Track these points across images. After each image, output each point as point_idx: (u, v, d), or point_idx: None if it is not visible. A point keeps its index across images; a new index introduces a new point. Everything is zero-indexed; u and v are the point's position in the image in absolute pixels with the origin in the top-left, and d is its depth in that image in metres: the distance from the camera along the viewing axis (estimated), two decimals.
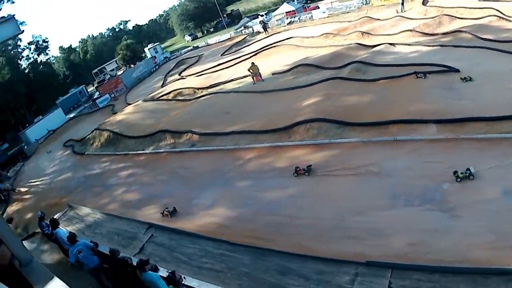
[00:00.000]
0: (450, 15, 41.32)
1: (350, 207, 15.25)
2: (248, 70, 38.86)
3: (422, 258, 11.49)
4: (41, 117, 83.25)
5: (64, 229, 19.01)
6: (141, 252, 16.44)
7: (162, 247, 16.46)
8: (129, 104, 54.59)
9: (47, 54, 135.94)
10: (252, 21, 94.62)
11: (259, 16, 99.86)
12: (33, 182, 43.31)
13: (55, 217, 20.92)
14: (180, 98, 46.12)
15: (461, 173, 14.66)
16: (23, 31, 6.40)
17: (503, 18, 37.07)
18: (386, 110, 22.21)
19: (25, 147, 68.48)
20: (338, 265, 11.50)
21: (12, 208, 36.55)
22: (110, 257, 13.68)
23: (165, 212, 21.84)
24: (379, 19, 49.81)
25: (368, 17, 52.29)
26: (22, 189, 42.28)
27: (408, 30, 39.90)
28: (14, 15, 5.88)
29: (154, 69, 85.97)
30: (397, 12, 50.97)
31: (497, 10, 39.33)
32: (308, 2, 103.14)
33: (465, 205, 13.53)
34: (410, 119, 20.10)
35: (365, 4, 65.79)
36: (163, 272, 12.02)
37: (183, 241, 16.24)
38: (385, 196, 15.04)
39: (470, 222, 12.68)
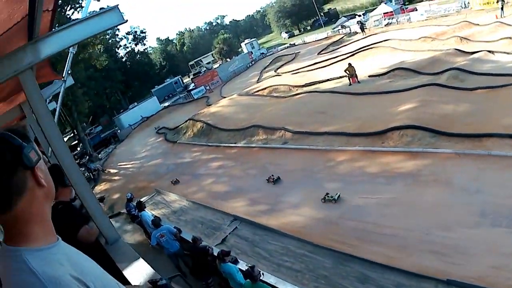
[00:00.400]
0: None
1: (436, 221, 14.92)
2: (345, 71, 38.81)
3: (503, 283, 11.25)
4: (136, 104, 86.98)
5: (149, 212, 20.09)
6: (223, 243, 16.95)
7: (244, 240, 16.83)
8: (224, 97, 56.09)
9: (144, 44, 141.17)
10: (349, 20, 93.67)
11: (357, 16, 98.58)
12: (124, 164, 45.61)
13: (141, 200, 22.38)
14: (275, 94, 46.62)
15: None
16: (126, 20, 7.01)
17: None
18: (481, 122, 21.62)
19: (119, 131, 72.33)
20: (418, 280, 11.46)
21: (100, 187, 39.05)
22: (192, 245, 14.33)
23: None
24: (478, 24, 48.29)
25: (467, 21, 50.77)
26: (112, 170, 44.56)
27: (507, 38, 38.25)
28: (118, 5, 6.49)
29: (250, 64, 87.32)
30: (496, 18, 49.43)
31: None
32: (406, 3, 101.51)
33: None
34: (506, 133, 19.41)
35: (464, 7, 63.99)
36: (242, 266, 12.42)
37: (266, 237, 16.55)
38: (473, 213, 14.58)
39: None
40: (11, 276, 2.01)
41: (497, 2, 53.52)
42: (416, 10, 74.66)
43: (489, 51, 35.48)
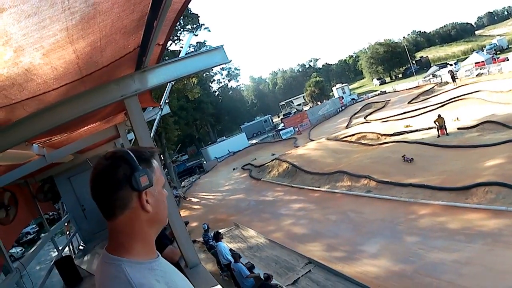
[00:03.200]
0: None
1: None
2: (434, 122, 38.87)
3: None
4: (224, 137, 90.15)
5: (225, 244, 20.55)
6: (294, 284, 17.31)
7: (316, 284, 17.07)
8: (312, 140, 57.02)
9: (237, 81, 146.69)
10: (441, 70, 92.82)
11: (448, 65, 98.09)
12: (206, 195, 46.57)
13: (220, 231, 22.49)
14: (363, 141, 46.59)
15: None
16: (230, 60, 7.71)
17: None
18: None
19: (204, 162, 74.41)
20: None
21: None
22: (263, 282, 14.93)
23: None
24: None
25: None
26: (193, 199, 45.41)
27: None
28: (223, 45, 7.20)
29: (340, 109, 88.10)
30: None
31: None
32: (498, 52, 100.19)
33: None
34: None
35: None
36: None
37: (339, 284, 16.73)
38: None
39: None
40: (108, 282, 2.21)
41: None
42: (508, 60, 73.03)
43: None
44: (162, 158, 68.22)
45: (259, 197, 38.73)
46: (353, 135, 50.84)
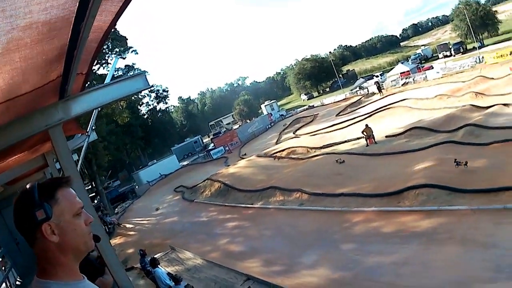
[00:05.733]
0: None
1: (451, 278, 14.71)
2: (362, 132, 39.44)
3: None
4: (155, 161, 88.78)
5: (163, 269, 20.12)
6: None
7: None
8: (243, 158, 56.55)
9: (166, 103, 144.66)
10: (367, 81, 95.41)
11: (374, 77, 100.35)
12: (140, 220, 45.84)
13: (156, 256, 22.36)
14: (293, 156, 46.76)
15: None
16: (152, 86, 7.44)
17: None
18: (497, 176, 21.66)
19: (136, 186, 73.53)
20: None
21: (115, 241, 38.77)
22: None
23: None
24: (492, 78, 49.13)
25: (482, 76, 51.79)
26: (128, 225, 44.61)
27: None
28: (145, 72, 6.94)
29: (269, 126, 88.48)
30: (511, 70, 50.06)
31: None
32: (423, 62, 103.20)
33: None
34: None
35: (479, 62, 64.94)
36: None
37: None
38: (489, 269, 14.40)
39: None
40: None
41: (511, 54, 54.15)
42: (432, 68, 75.85)
43: (504, 104, 35.92)
44: (94, 185, 67.14)
45: (193, 219, 38.32)
46: (283, 150, 51.13)
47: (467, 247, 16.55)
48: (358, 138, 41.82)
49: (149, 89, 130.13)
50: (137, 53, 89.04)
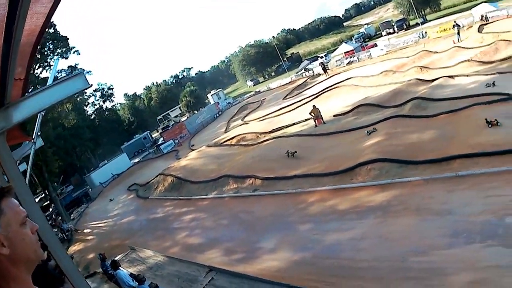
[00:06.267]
0: (506, 40, 40.96)
1: (410, 248, 14.92)
2: (310, 113, 39.30)
3: None
4: (106, 161, 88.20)
5: (125, 271, 19.87)
6: None
7: None
8: (193, 149, 55.87)
9: (112, 101, 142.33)
10: (312, 63, 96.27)
11: (319, 58, 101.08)
12: (97, 224, 45.07)
13: (116, 258, 22.12)
14: (243, 143, 46.68)
15: None
16: (91, 85, 7.07)
17: None
18: (447, 146, 22.01)
19: (90, 190, 72.07)
20: None
21: (74, 248, 38.22)
22: None
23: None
24: (436, 52, 50.05)
25: (426, 50, 52.68)
26: (85, 230, 43.85)
27: (466, 61, 39.89)
28: (83, 70, 6.63)
29: (217, 115, 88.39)
30: (454, 43, 51.18)
31: None
32: (366, 40, 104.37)
33: None
34: (471, 153, 19.74)
35: (422, 37, 66.00)
36: None
37: (243, 284, 16.37)
38: (446, 235, 14.65)
39: None
40: None
41: (453, 27, 55.32)
42: (376, 45, 76.58)
43: (449, 76, 36.45)
44: (47, 193, 65.77)
45: (149, 216, 37.83)
46: (232, 138, 51.06)
47: (423, 216, 16.79)
48: (306, 120, 41.92)
49: (94, 88, 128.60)
50: (79, 53, 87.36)
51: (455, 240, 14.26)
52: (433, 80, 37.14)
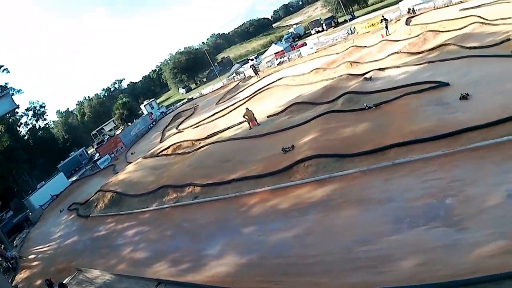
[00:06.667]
0: (433, 30, 42.42)
1: (355, 238, 15.08)
2: (243, 116, 39.38)
3: (434, 276, 11.35)
4: (43, 182, 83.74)
5: None
6: None
7: None
8: (130, 162, 54.80)
9: (45, 119, 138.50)
10: (243, 66, 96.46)
11: (249, 61, 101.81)
12: (40, 248, 43.57)
13: (64, 282, 21.81)
14: (179, 151, 46.32)
15: None
16: (18, 105, 6.68)
17: (485, 24, 38.16)
18: (382, 136, 22.44)
19: (30, 213, 69.10)
20: None
21: (20, 276, 36.68)
22: None
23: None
24: (365, 46, 51.03)
25: (355, 46, 53.61)
26: (30, 256, 42.56)
27: (395, 53, 40.85)
28: (9, 91, 6.11)
29: (152, 125, 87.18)
30: (383, 37, 52.46)
31: (478, 16, 40.70)
32: (296, 40, 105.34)
33: (471, 216, 13.42)
34: (405, 141, 20.21)
35: (351, 33, 67.51)
36: None
37: None
38: (389, 222, 14.92)
39: (478, 232, 12.56)
40: None
41: (381, 22, 56.61)
42: (306, 44, 77.59)
43: (379, 69, 37.33)
44: None
45: (93, 235, 36.61)
46: (168, 147, 50.65)
47: (364, 206, 17.06)
48: (241, 123, 42.06)
49: (26, 107, 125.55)
50: (8, 72, 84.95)
51: (399, 226, 14.52)
52: (363, 74, 37.72)
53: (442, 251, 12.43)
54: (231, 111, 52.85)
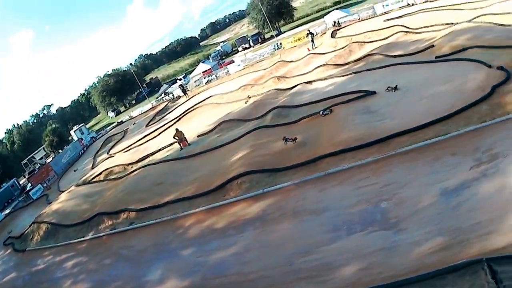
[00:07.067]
0: (359, 42, 43.53)
1: (295, 250, 15.12)
2: (173, 137, 39.01)
3: (376, 279, 11.54)
4: None
5: None
6: None
7: None
8: (63, 191, 53.50)
9: None
10: (172, 86, 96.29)
11: (178, 80, 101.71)
12: None
13: None
14: (111, 177, 45.66)
15: None
16: None
17: (409, 32, 39.45)
18: (313, 148, 22.79)
19: None
20: None
21: None
22: None
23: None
24: (292, 61, 52.02)
25: (282, 61, 54.68)
26: None
27: (321, 65, 41.62)
28: None
29: (83, 151, 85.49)
30: (309, 50, 53.45)
31: (402, 26, 42.11)
32: (223, 57, 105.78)
33: (407, 217, 13.78)
34: (336, 150, 20.54)
35: (278, 48, 68.35)
36: None
37: None
38: (327, 231, 15.06)
39: (416, 231, 12.90)
40: None
41: (307, 36, 57.57)
42: (233, 62, 78.23)
43: (307, 82, 37.88)
44: None
45: (31, 269, 34.59)
46: (100, 173, 49.61)
47: (301, 218, 17.20)
48: (171, 144, 41.82)
49: None
50: None
51: (337, 233, 14.70)
52: (291, 88, 38.38)
53: (382, 254, 12.65)
54: (161, 132, 52.82)
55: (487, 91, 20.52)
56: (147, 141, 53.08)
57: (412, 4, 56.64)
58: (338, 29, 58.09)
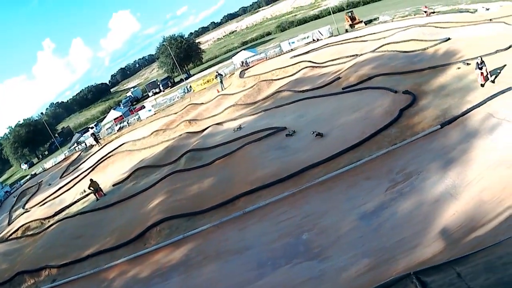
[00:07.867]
0: (267, 80, 44.86)
1: None
2: (89, 187, 38.39)
3: None
4: None
5: None
6: None
7: None
8: None
9: None
10: (84, 135, 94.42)
11: (90, 129, 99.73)
12: None
13: None
14: (29, 233, 43.35)
15: None
16: None
17: (315, 67, 40.87)
18: (229, 188, 23.07)
19: None
20: None
21: None
22: None
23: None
24: (202, 103, 52.80)
25: (192, 104, 55.30)
26: None
27: (231, 106, 42.39)
28: None
29: None
30: (218, 92, 54.27)
31: (309, 61, 43.49)
32: (134, 103, 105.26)
33: (330, 245, 14.13)
34: (252, 188, 20.95)
35: (188, 92, 69.24)
36: None
37: None
38: (252, 268, 15.13)
39: (341, 257, 13.25)
40: None
41: (216, 77, 58.76)
42: (144, 107, 78.60)
43: (218, 124, 38.53)
44: None
45: None
46: (17, 230, 46.83)
47: (224, 259, 17.20)
48: (87, 195, 41.03)
49: None
50: None
51: (263, 270, 14.81)
52: (203, 130, 38.89)
53: (311, 283, 12.84)
54: (76, 183, 51.35)
55: (395, 115, 21.64)
56: (62, 193, 51.75)
57: (318, 40, 58.64)
58: (246, 69, 59.57)
